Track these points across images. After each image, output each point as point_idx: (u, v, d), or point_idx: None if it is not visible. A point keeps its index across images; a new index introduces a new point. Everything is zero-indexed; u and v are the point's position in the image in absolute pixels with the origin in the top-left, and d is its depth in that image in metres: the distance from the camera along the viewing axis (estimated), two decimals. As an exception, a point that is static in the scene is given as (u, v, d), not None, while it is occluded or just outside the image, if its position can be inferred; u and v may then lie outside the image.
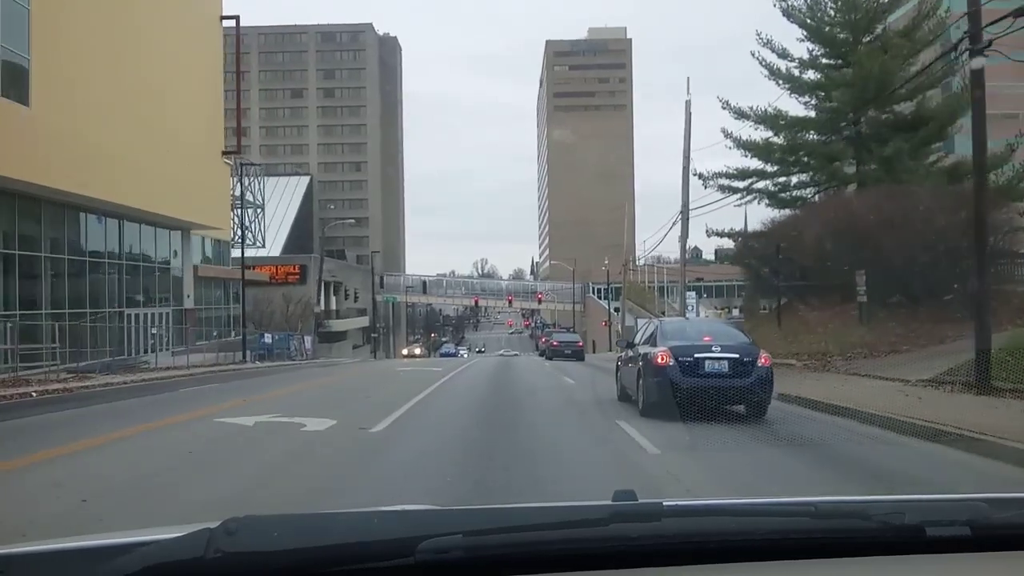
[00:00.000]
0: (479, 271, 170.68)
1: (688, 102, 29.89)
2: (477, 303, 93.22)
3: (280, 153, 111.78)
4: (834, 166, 29.23)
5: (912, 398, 11.38)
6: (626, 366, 13.35)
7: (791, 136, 29.44)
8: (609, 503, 1.60)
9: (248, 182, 49.88)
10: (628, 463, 7.71)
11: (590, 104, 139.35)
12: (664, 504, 1.59)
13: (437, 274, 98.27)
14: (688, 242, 32.11)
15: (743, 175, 30.30)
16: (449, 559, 1.34)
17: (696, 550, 1.46)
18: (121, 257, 32.62)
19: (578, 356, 37.55)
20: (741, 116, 29.13)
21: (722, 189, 30.27)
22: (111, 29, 27.82)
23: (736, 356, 11.04)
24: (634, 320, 43.10)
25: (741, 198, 30.73)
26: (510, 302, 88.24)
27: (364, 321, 72.80)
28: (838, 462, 7.74)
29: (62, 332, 24.98)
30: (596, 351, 54.76)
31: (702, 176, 30.55)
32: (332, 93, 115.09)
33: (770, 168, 30.41)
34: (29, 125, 23.06)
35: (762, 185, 30.55)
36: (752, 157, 30.16)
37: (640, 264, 72.68)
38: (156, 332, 33.59)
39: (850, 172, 29.19)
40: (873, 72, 26.06)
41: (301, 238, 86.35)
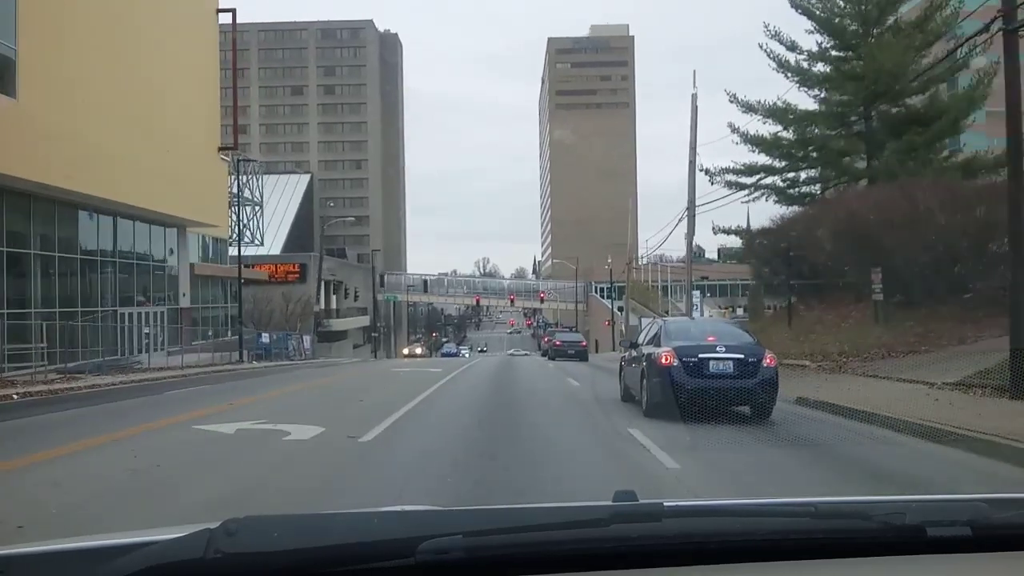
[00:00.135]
0: (481, 270, 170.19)
1: (695, 95, 29.18)
2: (479, 302, 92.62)
3: (280, 151, 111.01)
4: (844, 161, 28.62)
5: (943, 403, 10.64)
6: (629, 366, 13.23)
7: (800, 131, 28.82)
8: (610, 503, 1.57)
9: (246, 179, 49.19)
10: (646, 478, 6.83)
11: (592, 102, 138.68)
12: (665, 504, 1.56)
13: (439, 273, 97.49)
14: (693, 240, 31.50)
15: (751, 171, 29.71)
16: (449, 559, 1.33)
17: (697, 550, 1.45)
18: (115, 255, 31.99)
19: (581, 356, 36.96)
20: (749, 110, 28.53)
21: (729, 185, 29.75)
22: (104, 20, 27.27)
23: (741, 356, 10.89)
24: (638, 319, 42.44)
25: (749, 194, 30.20)
26: (512, 301, 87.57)
27: (365, 320, 72.23)
28: (898, 483, 6.66)
29: (52, 332, 24.48)
30: (599, 351, 54.06)
31: (708, 171, 29.97)
32: (332, 90, 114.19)
33: (778, 164, 29.88)
34: (15, 117, 22.41)
35: (770, 181, 30.06)
36: (760, 152, 29.66)
37: (643, 263, 72.01)
38: (149, 331, 32.87)
39: (861, 167, 28.58)
40: (884, 64, 25.41)
41: (301, 237, 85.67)
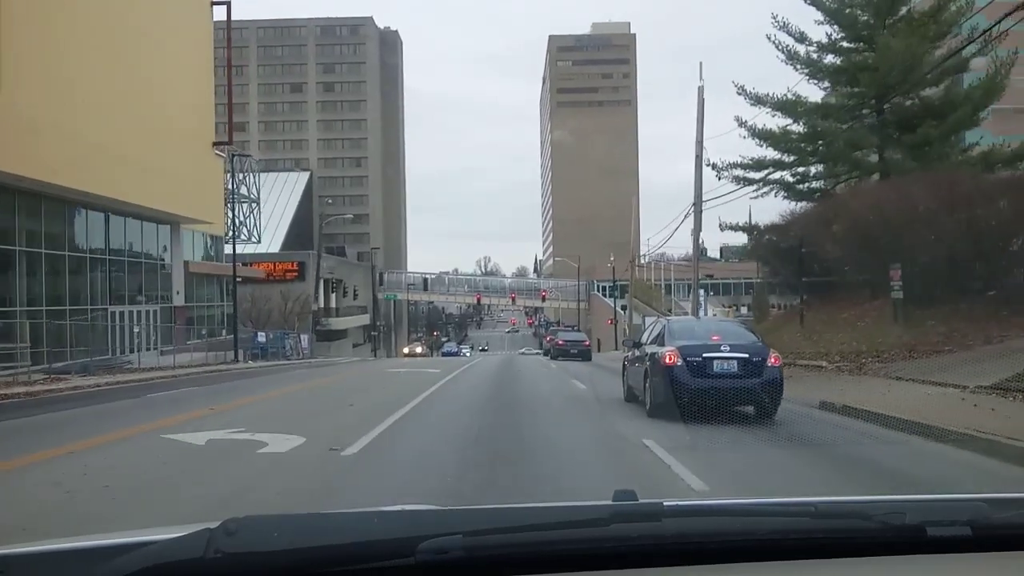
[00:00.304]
0: (482, 269, 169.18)
1: (701, 87, 28.27)
2: (479, 301, 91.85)
3: (279, 148, 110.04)
4: (856, 155, 27.74)
5: (983, 409, 9.75)
6: (633, 366, 13.12)
7: (811, 124, 27.94)
8: (609, 503, 1.55)
9: (243, 176, 48.35)
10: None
11: (593, 100, 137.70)
12: (664, 504, 1.53)
13: (439, 272, 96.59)
14: (699, 236, 30.60)
15: (759, 165, 28.83)
16: (449, 559, 1.33)
17: (696, 550, 1.43)
18: (106, 252, 31.15)
19: (585, 356, 36.12)
20: (758, 102, 27.62)
21: (737, 180, 28.84)
22: (93, 11, 26.45)
23: (746, 356, 10.81)
24: (641, 318, 41.58)
25: (757, 190, 29.29)
26: (513, 300, 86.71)
27: (365, 319, 71.50)
28: None
29: (39, 331, 23.67)
30: (601, 350, 53.22)
31: (716, 166, 29.05)
32: (332, 88, 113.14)
33: (787, 158, 29.00)
34: (-1, 109, 21.59)
35: (778, 176, 29.17)
36: (768, 147, 28.78)
37: (644, 262, 71.11)
38: (139, 331, 32.00)
39: (873, 161, 27.71)
40: (898, 55, 24.55)
41: (301, 235, 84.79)
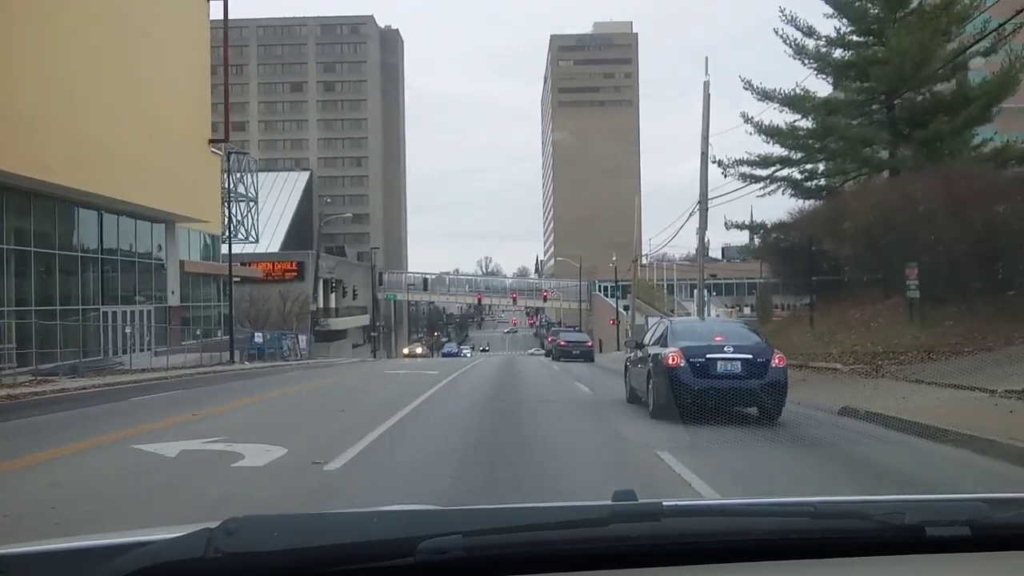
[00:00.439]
0: (483, 269, 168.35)
1: (707, 83, 27.58)
2: (480, 301, 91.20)
3: (279, 148, 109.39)
4: (865, 151, 27.06)
5: (1019, 415, 9.07)
6: (635, 367, 13.02)
7: (819, 119, 27.25)
8: (609, 503, 1.55)
9: (240, 175, 47.71)
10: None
11: (595, 99, 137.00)
12: (664, 504, 1.53)
13: (440, 272, 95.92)
14: (705, 234, 29.94)
15: (766, 162, 28.12)
16: (449, 559, 1.33)
17: (695, 550, 1.43)
18: (99, 251, 30.53)
19: (587, 357, 35.46)
20: (766, 97, 26.92)
21: (743, 177, 28.14)
22: (88, 9, 25.92)
23: (749, 357, 10.72)
24: (644, 319, 40.95)
25: (763, 187, 28.57)
26: (514, 300, 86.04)
27: (365, 319, 70.91)
28: None
29: (26, 331, 23.11)
30: (603, 350, 52.55)
31: (722, 163, 28.36)
32: (332, 87, 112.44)
33: (795, 155, 28.31)
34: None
35: (786, 173, 28.48)
36: (775, 143, 28.06)
37: (647, 262, 70.45)
38: (130, 331, 31.33)
39: (883, 158, 27.03)
40: (910, 49, 23.88)
41: (301, 235, 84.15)
